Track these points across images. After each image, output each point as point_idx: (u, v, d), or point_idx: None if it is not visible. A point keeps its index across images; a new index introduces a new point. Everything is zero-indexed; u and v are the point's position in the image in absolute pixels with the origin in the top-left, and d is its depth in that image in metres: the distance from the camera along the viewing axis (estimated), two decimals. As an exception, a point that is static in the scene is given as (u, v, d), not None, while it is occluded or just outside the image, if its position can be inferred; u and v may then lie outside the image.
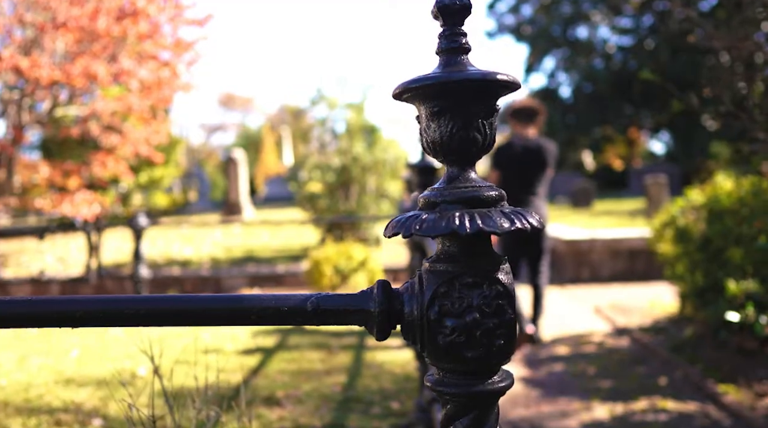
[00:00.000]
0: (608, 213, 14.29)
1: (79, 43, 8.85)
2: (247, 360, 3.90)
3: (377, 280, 0.85)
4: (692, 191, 4.87)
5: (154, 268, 7.61)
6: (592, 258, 7.20)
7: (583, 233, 7.62)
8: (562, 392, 3.60)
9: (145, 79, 9.20)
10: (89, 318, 0.83)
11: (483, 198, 0.79)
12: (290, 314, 0.83)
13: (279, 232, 11.85)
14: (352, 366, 3.70)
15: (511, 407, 3.39)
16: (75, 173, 10.36)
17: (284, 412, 2.91)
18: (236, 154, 15.90)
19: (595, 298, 6.23)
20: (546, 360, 4.25)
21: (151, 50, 9.48)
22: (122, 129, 10.20)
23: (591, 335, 4.84)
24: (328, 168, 8.34)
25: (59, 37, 8.70)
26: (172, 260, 8.80)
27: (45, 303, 0.82)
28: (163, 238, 11.45)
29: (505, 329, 0.78)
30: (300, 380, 3.43)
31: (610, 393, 3.52)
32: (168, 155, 15.60)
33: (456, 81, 0.77)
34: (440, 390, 0.81)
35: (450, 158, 0.82)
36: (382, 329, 0.82)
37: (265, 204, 22.80)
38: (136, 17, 8.58)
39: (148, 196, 17.32)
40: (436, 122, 0.81)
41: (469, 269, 0.79)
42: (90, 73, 8.04)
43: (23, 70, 7.88)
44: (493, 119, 0.82)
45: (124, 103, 9.44)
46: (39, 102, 9.72)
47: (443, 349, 0.78)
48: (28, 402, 3.02)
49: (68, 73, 8.00)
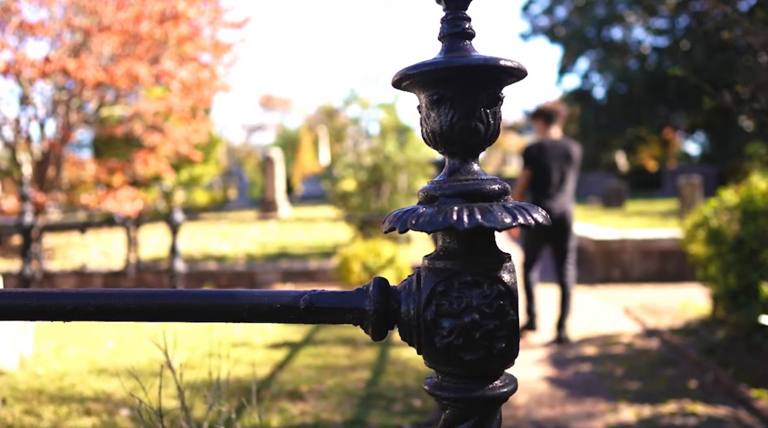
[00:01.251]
0: (640, 214, 13.95)
1: (123, 46, 9.00)
2: (274, 353, 3.88)
3: (374, 277, 0.80)
4: (726, 191, 4.68)
5: (192, 263, 7.68)
6: (622, 258, 7.01)
7: (613, 233, 7.42)
8: (588, 393, 3.49)
9: (185, 80, 9.31)
10: (77, 312, 0.79)
11: (485, 192, 0.73)
12: (283, 311, 0.78)
13: (313, 229, 11.88)
14: (376, 362, 3.65)
15: (536, 406, 3.30)
16: (119, 171, 10.55)
17: (307, 407, 2.87)
18: (273, 153, 16.00)
19: (625, 298, 6.05)
20: (573, 360, 4.14)
21: (191, 52, 9.59)
22: (164, 128, 10.35)
23: (620, 335, 4.69)
24: (360, 167, 8.31)
25: (105, 40, 8.87)
26: (209, 255, 8.88)
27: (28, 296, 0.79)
28: (202, 234, 11.59)
29: (506, 331, 0.71)
30: (324, 375, 3.39)
31: (638, 395, 3.40)
32: (208, 154, 15.79)
33: (456, 67, 0.71)
34: (438, 394, 0.74)
35: (450, 149, 0.76)
36: (378, 328, 0.76)
37: (302, 202, 22.93)
38: (177, 20, 8.68)
39: (189, 193, 17.57)
40: (435, 110, 0.75)
41: (469, 267, 0.72)
42: (132, 74, 8.17)
43: (70, 71, 8.05)
44: (497, 109, 0.75)
45: (166, 104, 9.58)
46: (86, 103, 9.92)
47: (440, 351, 0.72)
48: (61, 391, 3.05)
49: (112, 75, 8.14)
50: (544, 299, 5.90)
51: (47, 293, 0.79)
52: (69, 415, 2.72)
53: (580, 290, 6.52)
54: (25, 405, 2.83)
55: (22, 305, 0.78)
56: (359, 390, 3.11)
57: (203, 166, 15.57)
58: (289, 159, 31.21)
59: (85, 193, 10.68)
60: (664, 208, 15.12)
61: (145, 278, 6.83)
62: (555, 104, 4.91)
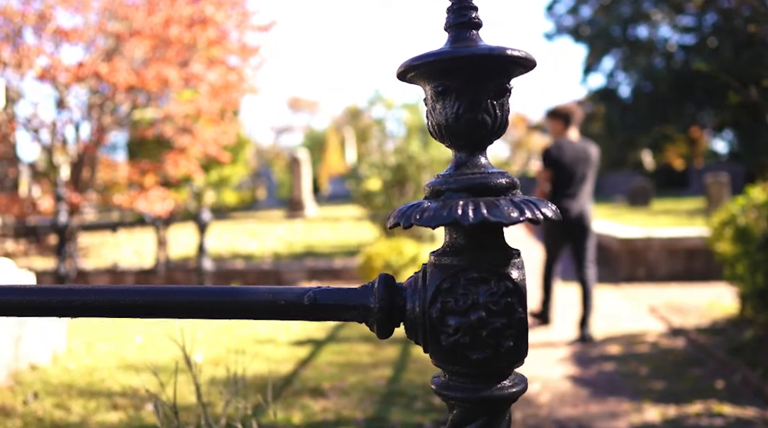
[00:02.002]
0: (666, 212, 13.67)
1: (154, 50, 9.12)
2: (298, 351, 3.88)
3: (379, 274, 0.77)
4: (753, 189, 4.54)
5: (219, 261, 7.74)
6: (648, 257, 6.86)
7: (638, 232, 7.28)
8: (612, 392, 3.42)
9: (213, 83, 9.39)
10: (86, 308, 0.78)
11: (492, 186, 0.70)
12: (287, 308, 0.76)
13: (338, 228, 11.90)
14: (398, 360, 3.62)
15: (558, 405, 3.24)
16: (151, 172, 10.70)
17: (328, 403, 2.86)
18: (300, 154, 16.08)
19: (651, 297, 5.93)
20: (597, 358, 4.06)
21: (219, 55, 9.68)
22: (193, 130, 10.46)
23: (645, 334, 4.59)
24: (384, 167, 8.29)
25: (136, 45, 9.00)
26: (236, 253, 8.95)
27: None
28: (230, 233, 11.69)
29: (514, 329, 0.68)
30: (346, 372, 3.38)
31: (663, 394, 3.31)
32: (236, 155, 15.92)
33: (461, 57, 0.68)
34: (445, 394, 0.71)
35: (457, 142, 0.73)
36: (383, 326, 0.73)
37: (329, 202, 23.01)
38: (205, 24, 8.76)
39: (219, 193, 17.74)
40: (441, 103, 0.72)
41: (475, 263, 0.69)
42: (162, 77, 8.27)
43: (103, 75, 8.18)
44: (504, 100, 0.72)
45: (195, 106, 9.68)
46: (119, 106, 10.07)
47: (446, 350, 0.69)
48: (90, 386, 3.08)
49: (143, 78, 8.25)
50: (567, 297, 5.81)
51: (40, 289, 0.78)
52: (97, 409, 2.74)
53: (605, 289, 6.41)
54: (55, 398, 2.87)
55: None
56: (380, 387, 3.09)
57: (232, 167, 15.71)
58: (316, 160, 31.36)
59: (118, 193, 10.85)
60: (690, 207, 14.81)
61: (175, 276, 6.91)
62: (572, 106, 4.93)
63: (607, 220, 10.72)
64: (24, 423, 2.61)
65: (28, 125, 9.77)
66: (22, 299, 0.76)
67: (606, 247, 7.50)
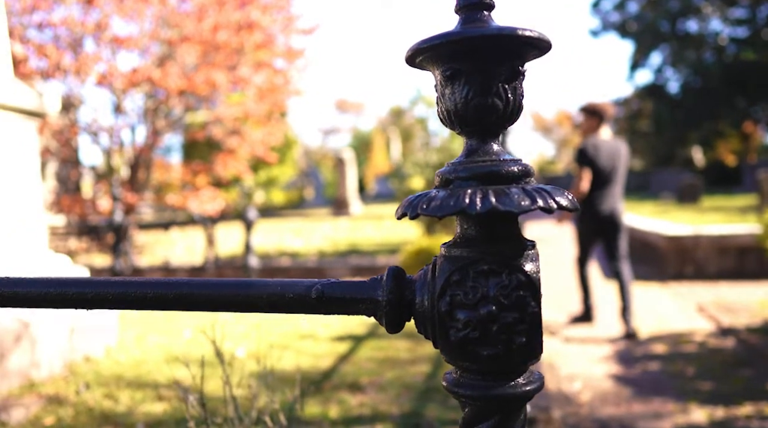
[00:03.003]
0: (716, 210, 13.13)
1: (204, 55, 9.30)
2: (338, 346, 3.87)
3: (389, 267, 0.73)
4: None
5: (266, 259, 7.83)
6: (696, 255, 6.59)
7: (687, 229, 7.00)
8: (656, 392, 3.28)
9: (260, 86, 9.51)
10: (97, 300, 0.77)
11: (503, 174, 0.65)
12: (295, 301, 0.73)
13: (382, 226, 11.89)
14: (436, 356, 3.57)
15: (600, 404, 3.13)
16: (202, 173, 10.92)
17: (365, 398, 2.83)
18: (345, 154, 16.16)
19: (699, 296, 5.69)
20: (641, 357, 3.91)
21: (265, 59, 9.80)
22: (242, 132, 10.63)
23: (692, 334, 4.40)
24: (426, 165, 8.23)
25: (187, 50, 9.19)
26: (283, 251, 9.04)
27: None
28: (278, 231, 11.83)
29: (526, 324, 0.64)
30: (385, 368, 3.35)
31: (711, 395, 3.16)
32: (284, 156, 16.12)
33: (469, 38, 0.63)
34: (456, 391, 0.67)
35: (467, 128, 0.69)
36: (391, 320, 0.69)
37: (374, 201, 23.06)
38: (252, 29, 8.88)
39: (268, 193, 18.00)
40: (450, 87, 0.67)
41: (486, 255, 0.65)
42: (211, 81, 8.42)
43: (155, 80, 8.38)
44: (517, 83, 0.67)
45: (243, 109, 9.83)
46: (173, 109, 10.32)
47: (456, 345, 0.65)
48: (138, 378, 3.15)
49: (192, 82, 8.42)
50: (608, 295, 5.64)
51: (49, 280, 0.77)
52: (143, 400, 2.80)
53: (651, 287, 6.19)
54: (105, 389, 2.94)
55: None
56: (418, 383, 3.05)
57: (279, 167, 15.91)
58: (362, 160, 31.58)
59: (171, 193, 11.12)
60: (742, 203, 14.18)
61: (224, 273, 7.03)
62: (607, 104, 4.85)
63: (653, 218, 10.37)
64: (75, 412, 2.68)
65: (88, 130, 10.12)
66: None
67: (653, 245, 7.25)
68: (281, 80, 10.08)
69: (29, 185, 3.57)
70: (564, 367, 3.81)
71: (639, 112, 28.98)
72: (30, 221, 3.54)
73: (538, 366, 3.51)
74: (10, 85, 3.39)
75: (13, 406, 2.70)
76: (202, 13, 8.89)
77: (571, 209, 0.64)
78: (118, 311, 0.77)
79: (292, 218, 14.34)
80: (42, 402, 2.79)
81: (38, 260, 3.50)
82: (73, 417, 2.62)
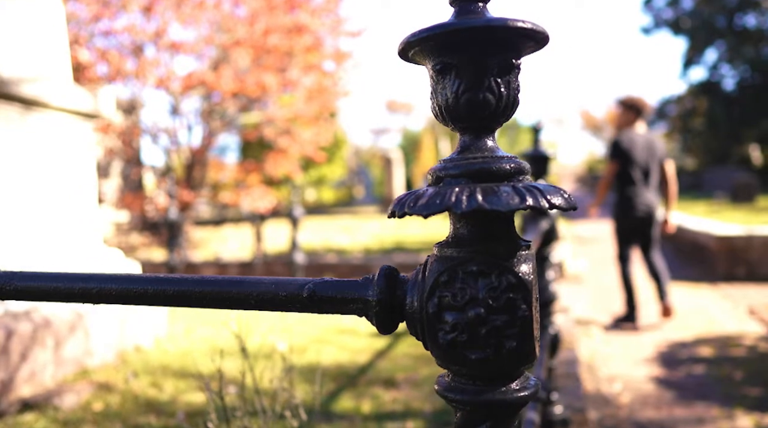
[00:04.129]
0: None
1: (256, 58, 9.46)
2: (376, 341, 3.86)
3: (382, 265, 0.71)
4: None
5: (312, 255, 7.90)
6: (749, 256, 6.27)
7: (738, 230, 6.67)
8: (700, 396, 3.13)
9: (309, 87, 9.60)
10: (91, 296, 0.77)
11: (493, 171, 0.61)
12: (287, 300, 0.71)
13: (427, 224, 11.83)
14: (473, 354, 3.51)
15: (640, 407, 3.01)
16: (255, 171, 11.12)
17: (399, 394, 2.81)
18: (392, 154, 16.18)
19: (751, 298, 5.41)
20: (686, 360, 3.74)
21: (315, 61, 9.88)
22: (291, 132, 10.76)
23: (742, 337, 4.19)
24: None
25: (240, 54, 9.37)
26: (329, 248, 9.11)
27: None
28: (326, 228, 11.93)
29: (517, 328, 0.60)
30: (420, 364, 3.31)
31: (759, 401, 3.00)
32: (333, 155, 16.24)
33: (458, 31, 0.60)
34: (446, 396, 0.64)
35: (460, 124, 0.65)
36: (382, 321, 0.67)
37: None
38: (301, 32, 8.97)
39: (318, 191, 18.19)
40: (441, 82, 0.64)
41: (475, 255, 0.61)
42: (261, 83, 8.55)
43: (208, 83, 8.57)
44: (511, 77, 0.63)
45: (292, 110, 9.95)
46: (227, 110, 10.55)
47: (444, 348, 0.62)
48: (183, 368, 3.21)
49: (243, 84, 8.57)
50: (653, 296, 5.43)
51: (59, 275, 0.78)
52: (186, 390, 2.85)
53: (700, 288, 5.93)
54: (151, 378, 3.02)
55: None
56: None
57: (328, 166, 16.05)
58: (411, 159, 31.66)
59: (224, 191, 11.37)
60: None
61: (272, 268, 7.13)
62: (643, 99, 4.73)
63: (705, 217, 9.94)
64: (122, 399, 2.76)
65: (149, 131, 10.46)
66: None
67: (702, 245, 6.94)
68: (329, 82, 10.15)
69: (85, 183, 3.70)
70: (604, 368, 3.68)
71: (693, 110, 27.85)
72: (86, 216, 3.67)
73: (576, 367, 3.41)
74: (69, 89, 3.52)
75: (66, 392, 2.79)
76: (254, 17, 9.03)
77: (566, 208, 0.60)
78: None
79: (341, 215, 14.44)
80: (93, 388, 2.88)
81: (93, 254, 3.62)
82: (120, 404, 2.70)
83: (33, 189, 3.26)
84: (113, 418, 2.53)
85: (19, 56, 3.25)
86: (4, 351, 2.70)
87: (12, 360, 2.73)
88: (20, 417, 2.55)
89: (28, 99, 3.20)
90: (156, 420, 2.53)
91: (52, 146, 3.42)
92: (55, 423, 2.49)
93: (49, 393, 2.79)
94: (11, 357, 2.73)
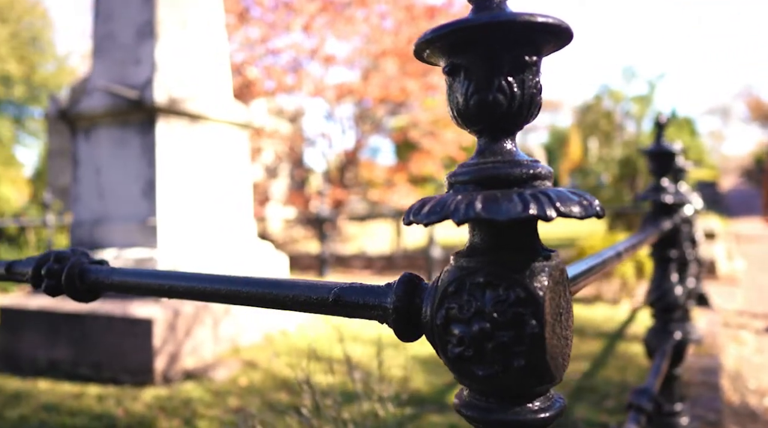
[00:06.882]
0: None
1: (402, 66, 9.63)
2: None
3: (404, 272, 0.67)
4: None
5: (449, 249, 7.86)
6: None
7: None
8: None
9: (448, 91, 9.53)
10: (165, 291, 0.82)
11: (502, 177, 0.55)
12: (316, 303, 0.70)
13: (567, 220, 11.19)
14: (599, 354, 3.23)
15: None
16: (401, 171, 11.33)
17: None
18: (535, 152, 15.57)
19: None
20: None
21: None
22: (435, 133, 10.80)
23: None
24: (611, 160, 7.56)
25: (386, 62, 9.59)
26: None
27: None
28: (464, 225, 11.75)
29: (525, 346, 0.53)
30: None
31: None
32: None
33: (462, 29, 0.54)
34: (462, 412, 0.59)
35: (473, 127, 0.59)
36: (399, 328, 0.63)
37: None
38: (441, 38, 8.93)
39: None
40: (453, 84, 0.59)
41: (485, 266, 0.55)
42: (404, 89, 8.66)
43: (357, 91, 8.88)
44: (525, 76, 0.56)
45: (435, 112, 9.97)
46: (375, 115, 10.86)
47: (453, 362, 0.57)
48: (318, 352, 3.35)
49: (388, 91, 8.75)
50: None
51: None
52: (316, 371, 2.97)
53: None
54: (288, 359, 3.19)
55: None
56: (573, 381, 2.79)
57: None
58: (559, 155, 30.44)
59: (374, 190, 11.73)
60: None
61: (412, 262, 7.21)
62: None
63: None
64: (264, 376, 2.95)
65: (309, 136, 11.13)
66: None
67: None
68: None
69: (242, 184, 4.01)
70: (753, 380, 3.21)
71: None
72: (242, 212, 3.98)
73: (716, 376, 3.00)
74: (229, 104, 3.85)
75: (219, 366, 3.06)
76: (398, 27, 9.18)
77: (582, 216, 0.52)
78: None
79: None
80: (241, 365, 3.12)
81: (248, 247, 3.92)
82: (261, 381, 2.89)
83: (198, 188, 3.61)
84: (254, 393, 2.71)
85: (188, 80, 3.62)
86: (173, 328, 3.02)
87: (178, 336, 3.04)
88: (182, 385, 2.84)
89: (194, 114, 3.54)
90: (287, 396, 2.67)
91: (213, 151, 3.76)
92: (208, 393, 2.73)
93: (206, 366, 3.07)
94: (178, 333, 3.04)
